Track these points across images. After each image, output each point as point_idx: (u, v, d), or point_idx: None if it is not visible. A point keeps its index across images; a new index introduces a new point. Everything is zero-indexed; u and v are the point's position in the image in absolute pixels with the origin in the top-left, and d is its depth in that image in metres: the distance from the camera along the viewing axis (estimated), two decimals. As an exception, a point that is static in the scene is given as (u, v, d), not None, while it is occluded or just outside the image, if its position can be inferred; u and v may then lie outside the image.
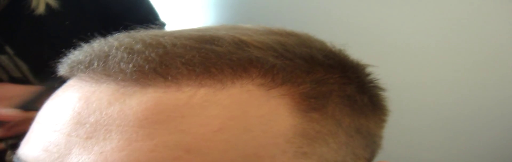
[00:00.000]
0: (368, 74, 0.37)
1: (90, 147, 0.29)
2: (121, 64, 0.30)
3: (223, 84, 0.30)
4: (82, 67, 0.32)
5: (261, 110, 0.30)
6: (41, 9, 0.78)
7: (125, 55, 0.31)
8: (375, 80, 0.37)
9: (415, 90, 0.92)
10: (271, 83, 0.31)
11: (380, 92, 0.38)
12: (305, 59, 0.32)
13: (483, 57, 0.85)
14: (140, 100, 0.29)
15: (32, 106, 0.74)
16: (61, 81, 0.35)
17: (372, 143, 0.36)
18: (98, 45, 0.34)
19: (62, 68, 0.35)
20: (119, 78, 0.30)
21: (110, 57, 0.31)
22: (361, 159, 0.35)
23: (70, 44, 0.36)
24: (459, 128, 0.92)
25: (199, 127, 0.29)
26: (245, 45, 0.32)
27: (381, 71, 0.39)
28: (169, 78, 0.30)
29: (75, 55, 0.34)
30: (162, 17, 0.90)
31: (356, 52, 0.37)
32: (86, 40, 0.35)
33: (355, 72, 0.35)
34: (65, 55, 0.35)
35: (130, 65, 0.30)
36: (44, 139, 0.31)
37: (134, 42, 0.32)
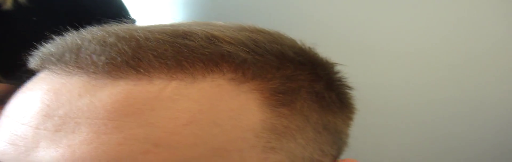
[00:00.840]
0: (337, 72, 0.38)
1: (58, 140, 0.29)
2: (93, 56, 0.30)
3: (194, 78, 0.30)
4: (53, 59, 0.32)
5: (231, 104, 0.30)
6: (8, 4, 0.77)
7: (98, 48, 0.31)
8: (343, 79, 0.38)
9: (389, 89, 0.93)
10: (241, 78, 0.31)
11: (348, 91, 0.38)
12: (276, 55, 0.33)
13: (464, 57, 0.87)
14: (110, 92, 0.29)
15: None
16: (31, 74, 0.35)
17: (338, 140, 0.37)
18: (70, 38, 0.33)
19: (33, 61, 0.34)
20: (91, 70, 0.30)
21: (82, 49, 0.31)
22: (328, 155, 0.35)
23: (39, 40, 0.35)
24: (431, 129, 0.93)
25: (169, 121, 0.29)
26: (217, 40, 0.32)
27: (365, 70, 0.39)
28: (141, 70, 0.30)
29: (47, 48, 0.34)
30: (132, 14, 0.89)
31: (330, 51, 0.38)
32: (55, 35, 0.35)
33: (324, 69, 0.36)
34: (33, 50, 0.35)
35: (103, 58, 0.30)
36: (11, 132, 0.31)
37: (107, 35, 0.32)
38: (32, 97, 0.31)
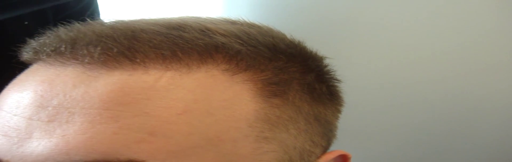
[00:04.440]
0: (326, 65, 0.38)
1: (51, 130, 0.29)
2: (89, 47, 0.31)
3: (189, 68, 0.31)
4: (48, 50, 0.32)
5: (224, 94, 0.31)
6: None
7: (94, 39, 0.31)
8: (332, 72, 0.39)
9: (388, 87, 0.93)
10: (235, 69, 0.32)
11: (337, 84, 0.39)
12: (268, 47, 0.34)
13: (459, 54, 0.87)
14: (106, 82, 0.29)
15: None
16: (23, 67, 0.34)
17: (328, 132, 0.37)
18: (64, 30, 0.34)
19: (26, 53, 0.34)
20: (86, 61, 0.30)
21: (78, 40, 0.31)
22: (318, 146, 0.36)
23: None
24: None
25: (164, 110, 0.29)
26: (210, 32, 0.33)
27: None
28: (137, 61, 0.30)
29: (41, 40, 0.34)
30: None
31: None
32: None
33: (314, 62, 0.37)
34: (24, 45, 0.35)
35: (98, 48, 0.30)
36: (4, 124, 0.30)
37: (102, 27, 0.32)
38: (26, 88, 0.31)
